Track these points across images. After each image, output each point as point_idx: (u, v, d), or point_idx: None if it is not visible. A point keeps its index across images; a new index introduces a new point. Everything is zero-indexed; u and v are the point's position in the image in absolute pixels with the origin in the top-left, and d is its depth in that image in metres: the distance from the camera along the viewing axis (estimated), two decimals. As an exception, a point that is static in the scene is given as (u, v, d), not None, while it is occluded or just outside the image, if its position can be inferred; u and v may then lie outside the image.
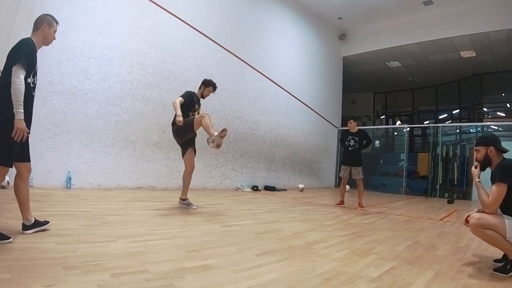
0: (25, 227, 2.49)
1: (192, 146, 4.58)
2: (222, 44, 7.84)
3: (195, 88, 7.27)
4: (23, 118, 2.29)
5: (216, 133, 3.98)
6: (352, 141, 6.28)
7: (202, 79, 4.87)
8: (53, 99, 5.11)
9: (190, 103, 4.53)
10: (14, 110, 2.24)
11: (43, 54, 4.98)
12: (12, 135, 2.25)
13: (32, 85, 2.45)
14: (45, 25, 2.56)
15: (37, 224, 2.56)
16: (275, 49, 9.58)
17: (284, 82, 9.75)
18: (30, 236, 2.45)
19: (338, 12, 11.09)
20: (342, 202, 6.43)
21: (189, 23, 7.09)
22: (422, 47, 11.44)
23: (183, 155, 4.58)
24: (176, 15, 6.83)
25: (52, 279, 1.70)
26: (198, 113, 4.50)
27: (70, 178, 5.21)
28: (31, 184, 4.83)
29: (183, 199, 4.58)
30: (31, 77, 2.40)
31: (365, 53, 12.44)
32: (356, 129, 6.34)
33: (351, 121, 6.34)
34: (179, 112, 4.22)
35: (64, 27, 5.24)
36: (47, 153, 5.04)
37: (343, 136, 6.52)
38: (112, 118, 5.79)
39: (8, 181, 4.57)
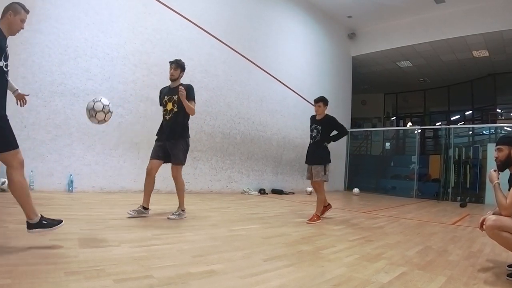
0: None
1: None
2: (228, 44, 7.72)
3: (201, 89, 7.23)
4: None
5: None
6: (314, 131, 4.77)
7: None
8: (54, 100, 5.02)
9: (160, 100, 4.14)
10: None
11: (44, 54, 4.93)
12: None
13: (5, 69, 2.33)
14: (10, 13, 2.36)
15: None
16: (282, 48, 9.43)
17: (292, 82, 9.60)
18: (31, 240, 2.38)
19: (347, 10, 10.93)
20: (325, 208, 5.10)
21: (194, 22, 6.97)
22: (434, 46, 11.25)
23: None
24: (181, 13, 6.72)
25: (54, 285, 1.68)
26: (173, 104, 3.96)
27: (72, 181, 5.13)
28: (31, 187, 4.73)
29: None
30: (2, 60, 2.27)
31: (375, 52, 12.28)
32: (323, 115, 4.80)
33: (320, 103, 4.75)
34: None
35: (66, 26, 5.19)
36: (48, 155, 4.96)
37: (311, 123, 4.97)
38: (115, 119, 5.64)
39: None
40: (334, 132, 4.86)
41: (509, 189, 2.52)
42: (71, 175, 5.12)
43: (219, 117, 7.50)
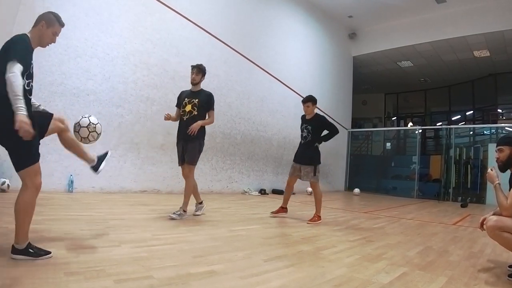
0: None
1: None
2: (229, 44, 7.70)
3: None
4: (24, 113, 1.89)
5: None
6: (305, 131, 4.77)
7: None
8: (54, 100, 4.99)
9: (178, 103, 4.27)
10: (13, 106, 1.88)
11: (44, 54, 4.87)
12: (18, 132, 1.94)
13: (27, 88, 2.10)
14: (43, 23, 2.20)
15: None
16: (283, 48, 9.42)
17: (292, 82, 9.58)
18: (31, 241, 2.29)
19: (348, 10, 10.92)
20: (282, 209, 4.90)
21: (194, 21, 6.95)
22: (435, 46, 11.25)
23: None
24: (181, 13, 6.70)
25: (54, 285, 1.68)
26: (192, 107, 4.06)
27: (72, 181, 5.10)
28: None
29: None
30: (24, 79, 2.05)
31: (376, 52, 12.28)
32: (313, 115, 4.80)
33: (309, 103, 4.75)
34: None
35: (66, 26, 5.11)
36: (48, 155, 4.91)
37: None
38: (115, 120, 5.66)
39: (8, 185, 4.46)
40: (325, 132, 4.82)
41: (509, 190, 2.51)
42: (71, 175, 5.09)
43: (219, 117, 7.46)
